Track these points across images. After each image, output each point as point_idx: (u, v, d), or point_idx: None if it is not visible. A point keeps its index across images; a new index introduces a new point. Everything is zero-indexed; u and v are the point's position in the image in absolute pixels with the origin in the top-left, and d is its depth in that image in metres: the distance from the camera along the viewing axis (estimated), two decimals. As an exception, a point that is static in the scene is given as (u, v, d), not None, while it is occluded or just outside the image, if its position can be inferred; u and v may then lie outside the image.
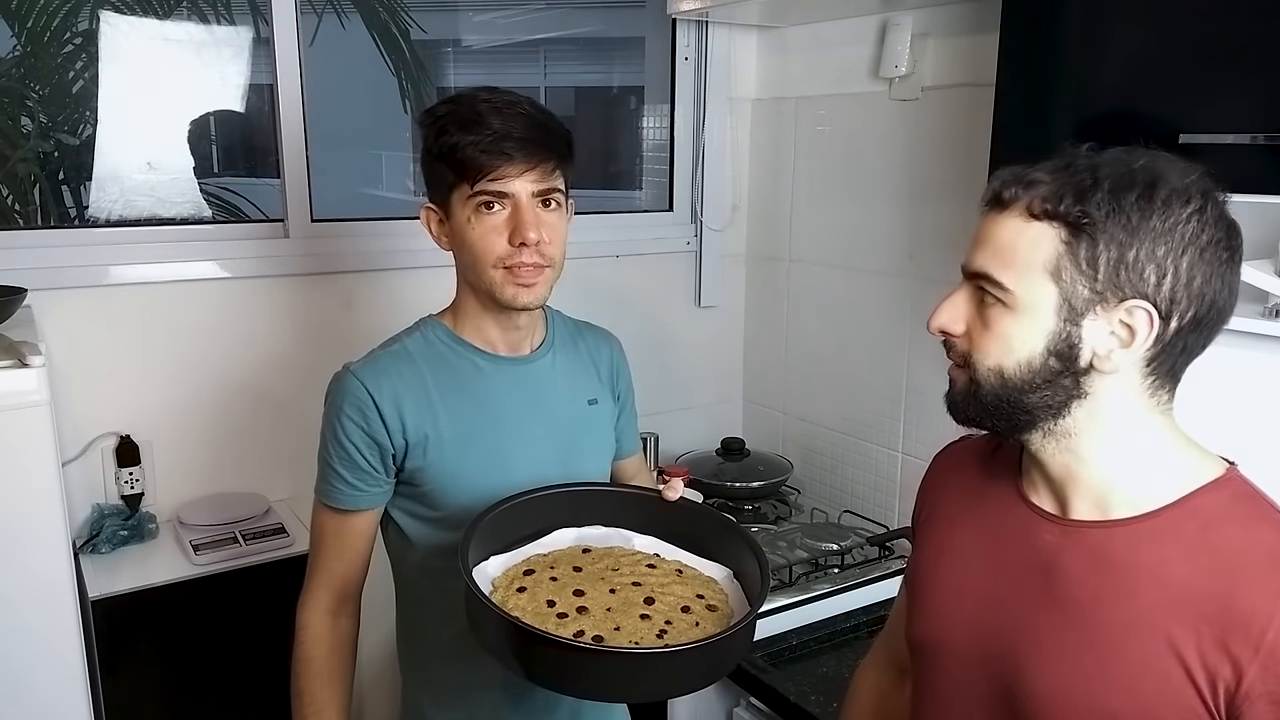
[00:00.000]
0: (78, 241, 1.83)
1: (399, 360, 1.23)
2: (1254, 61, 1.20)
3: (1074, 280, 0.80)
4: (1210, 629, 0.78)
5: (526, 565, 1.14)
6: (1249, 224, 1.38)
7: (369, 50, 2.30)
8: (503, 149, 1.15)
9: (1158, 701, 0.79)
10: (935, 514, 1.05)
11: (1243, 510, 0.83)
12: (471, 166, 1.15)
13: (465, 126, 1.15)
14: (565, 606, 1.06)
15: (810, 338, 2.34)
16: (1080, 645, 0.84)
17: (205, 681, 1.72)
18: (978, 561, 0.95)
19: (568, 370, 1.34)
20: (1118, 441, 0.85)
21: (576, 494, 1.22)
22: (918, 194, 2.02)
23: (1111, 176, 0.80)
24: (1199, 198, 0.80)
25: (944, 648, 0.97)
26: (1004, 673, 0.89)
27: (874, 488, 2.17)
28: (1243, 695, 0.76)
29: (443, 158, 1.17)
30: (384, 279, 2.01)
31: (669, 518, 1.23)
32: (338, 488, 1.23)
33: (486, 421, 1.25)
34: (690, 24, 2.33)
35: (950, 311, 0.88)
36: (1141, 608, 0.82)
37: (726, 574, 1.17)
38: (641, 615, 1.06)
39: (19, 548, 1.35)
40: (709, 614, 1.09)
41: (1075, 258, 0.80)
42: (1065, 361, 0.83)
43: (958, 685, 0.95)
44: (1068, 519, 0.88)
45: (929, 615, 1.00)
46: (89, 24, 1.97)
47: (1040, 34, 1.46)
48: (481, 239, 1.17)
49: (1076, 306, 0.81)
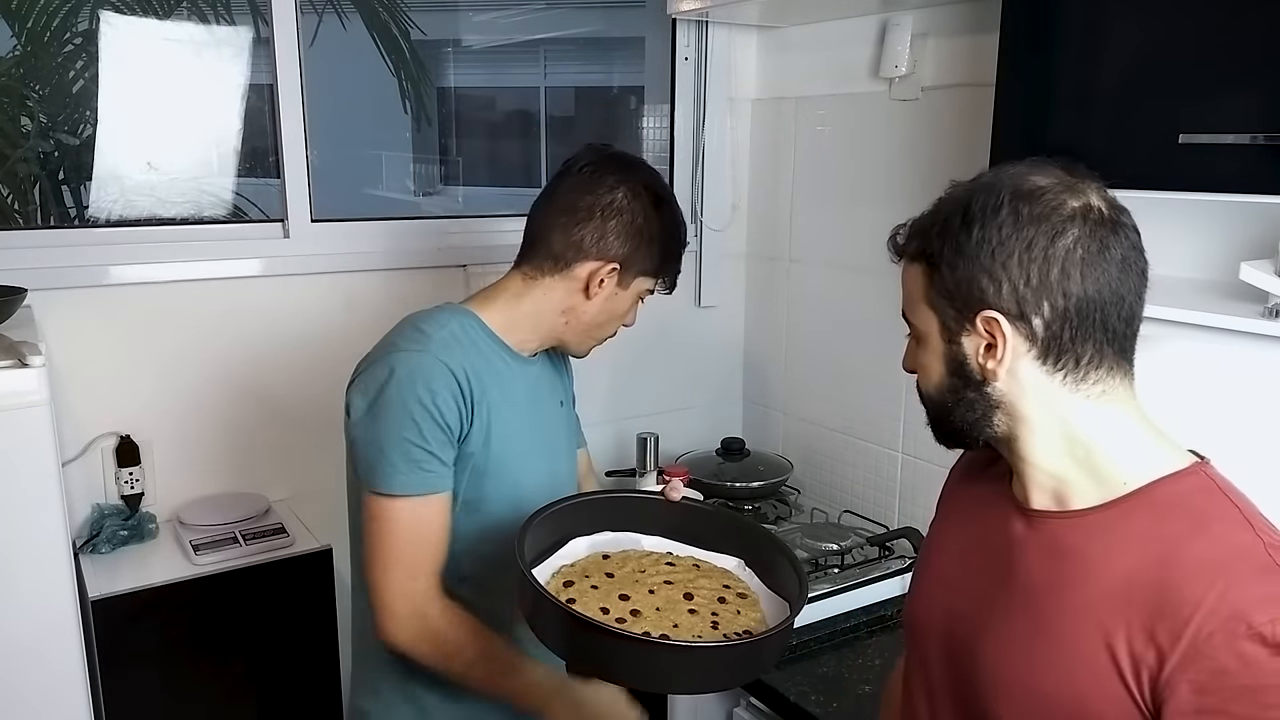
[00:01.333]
0: (78, 241, 1.83)
1: (455, 342, 1.25)
2: (1254, 61, 1.20)
3: (941, 307, 0.89)
4: (1139, 616, 0.79)
5: (562, 578, 1.16)
6: (1249, 224, 1.39)
7: (369, 50, 2.30)
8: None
9: (1086, 687, 0.82)
10: (944, 508, 1.10)
11: (1198, 504, 0.84)
12: (671, 273, 1.35)
13: (681, 231, 1.35)
14: (620, 611, 1.09)
15: (810, 338, 2.34)
16: (1026, 630, 0.88)
17: (205, 681, 1.72)
18: (956, 547, 1.01)
19: (549, 373, 1.42)
20: (1053, 437, 0.89)
21: (594, 503, 1.28)
22: (918, 194, 1.99)
23: (947, 208, 0.89)
24: (1011, 203, 0.85)
25: (919, 626, 1.03)
26: (961, 652, 0.94)
27: (874, 488, 2.17)
28: (1164, 682, 0.77)
29: (666, 249, 1.32)
30: (384, 279, 2.02)
31: (673, 518, 1.28)
32: (433, 471, 1.21)
33: (513, 414, 1.30)
34: (690, 24, 2.33)
35: (906, 355, 0.98)
36: (1083, 596, 0.84)
37: (738, 563, 1.24)
38: (689, 610, 1.11)
39: (19, 548, 1.35)
40: (743, 601, 1.15)
41: (935, 287, 0.89)
42: (962, 377, 0.90)
43: (926, 662, 1.01)
44: (1033, 510, 0.92)
45: (913, 596, 1.07)
46: (89, 24, 1.97)
47: (1040, 34, 1.46)
48: (621, 315, 1.35)
49: (950, 328, 0.89)
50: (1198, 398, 1.40)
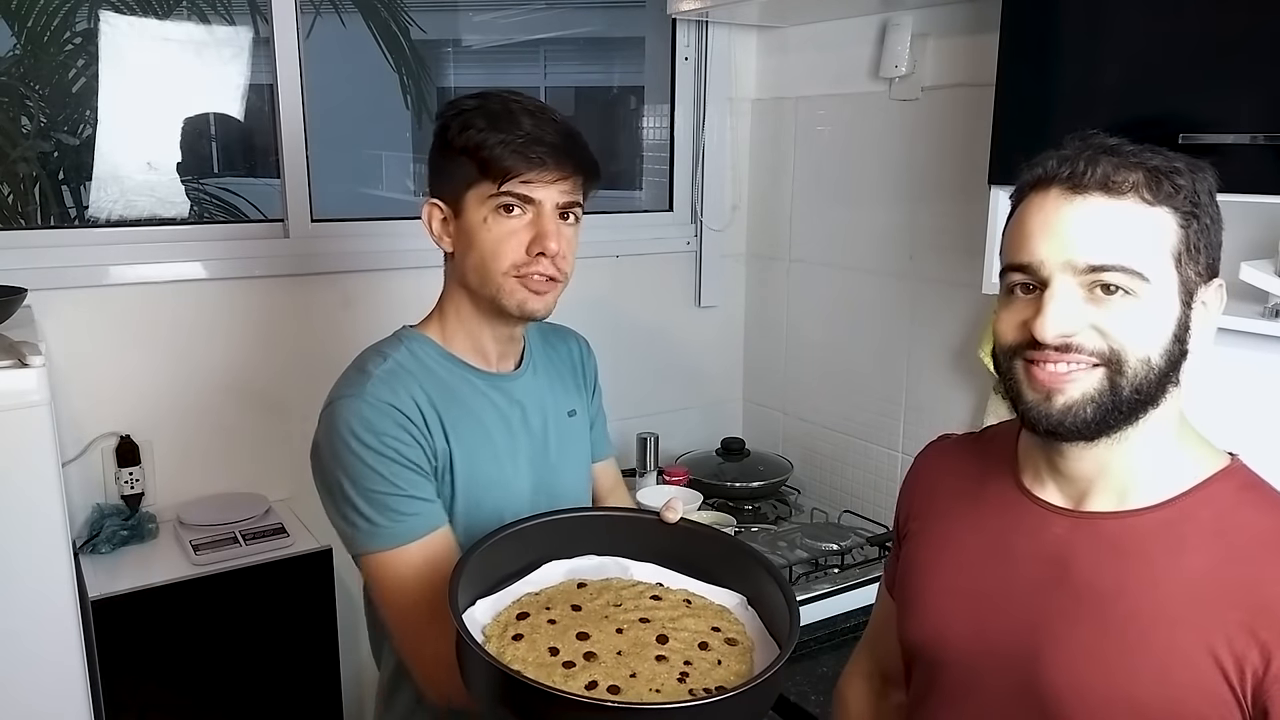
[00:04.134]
0: (78, 241, 1.83)
1: (395, 377, 1.14)
2: (1254, 61, 1.20)
3: (1188, 264, 0.82)
4: (1236, 616, 0.78)
5: (519, 609, 0.99)
6: (1249, 224, 1.39)
7: (369, 50, 2.30)
8: (536, 153, 1.10)
9: (1186, 690, 0.79)
10: (926, 513, 1.03)
11: (1253, 498, 0.84)
12: (500, 165, 1.10)
13: (496, 123, 1.10)
14: (570, 654, 0.92)
15: (810, 338, 2.34)
16: (1101, 636, 0.84)
17: (205, 681, 1.72)
18: (979, 558, 0.94)
19: (547, 383, 1.30)
20: (1156, 431, 0.85)
21: (563, 522, 1.09)
22: (918, 194, 2.02)
23: (1179, 161, 0.82)
24: (1213, 175, 0.84)
25: (947, 646, 0.96)
26: (1019, 668, 0.88)
27: (874, 488, 2.17)
28: (1271, 679, 0.77)
29: (466, 152, 1.11)
30: (384, 279, 2.01)
31: (669, 542, 1.09)
32: (416, 514, 1.09)
33: (484, 439, 1.19)
34: (690, 24, 2.33)
35: (1066, 313, 0.81)
36: (1163, 597, 0.82)
37: (739, 600, 1.05)
38: (657, 656, 0.93)
39: (19, 548, 1.35)
40: (729, 649, 0.97)
41: (1188, 242, 0.81)
42: (1183, 345, 0.83)
43: (965, 684, 0.94)
44: (1081, 511, 0.88)
45: (929, 615, 0.98)
46: (89, 24, 1.97)
47: (1040, 34, 1.46)
48: (498, 242, 1.12)
49: (1190, 289, 0.82)
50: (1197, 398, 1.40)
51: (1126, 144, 0.84)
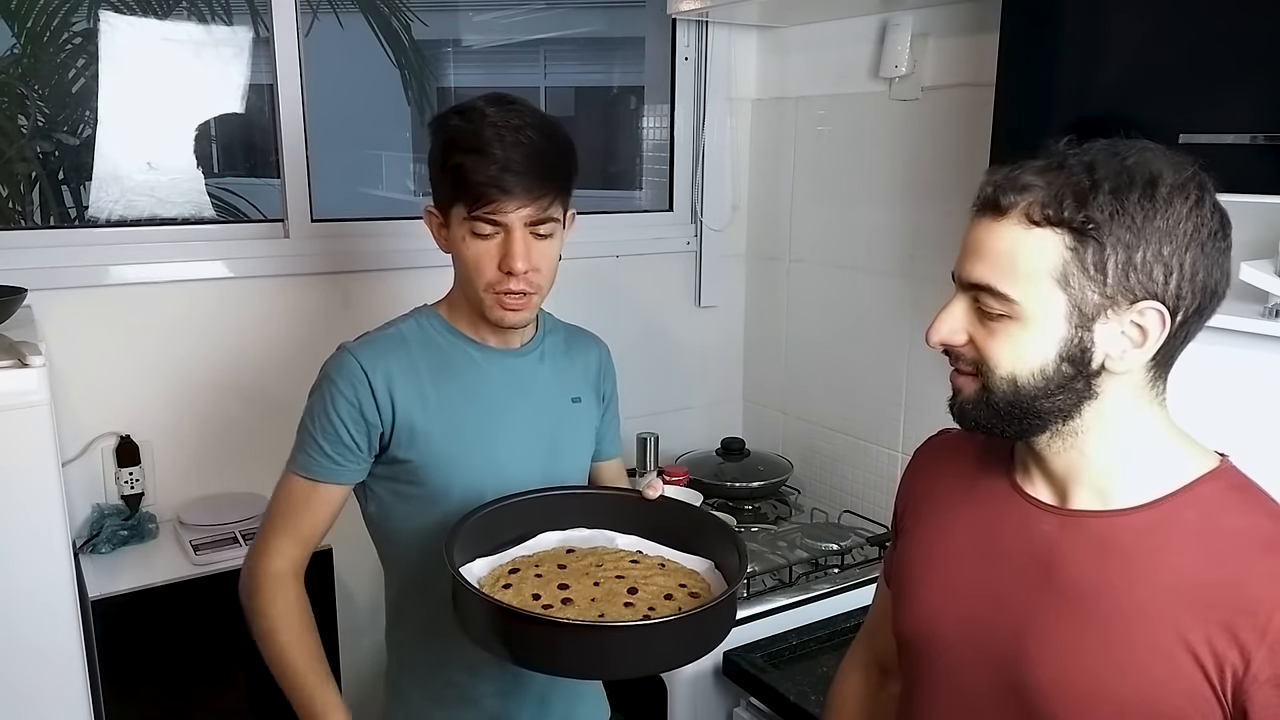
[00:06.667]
0: (78, 241, 1.83)
1: (394, 343, 1.26)
2: (1254, 61, 1.20)
3: (1082, 286, 0.80)
4: (1217, 615, 0.79)
5: (512, 565, 1.16)
6: (1249, 224, 1.39)
7: (369, 51, 2.30)
8: (501, 182, 1.14)
9: (1166, 687, 0.80)
10: (923, 507, 1.04)
11: (1239, 499, 0.84)
12: (470, 194, 1.16)
13: (469, 149, 1.15)
14: (550, 599, 1.08)
15: (810, 338, 2.34)
16: (1084, 633, 0.84)
17: (205, 681, 1.72)
18: (970, 553, 0.95)
19: (555, 367, 1.35)
20: (1122, 435, 0.86)
21: (559, 498, 1.26)
22: (918, 194, 2.02)
23: (1110, 176, 0.79)
24: (1196, 190, 0.80)
25: (937, 639, 0.97)
26: (1005, 662, 0.89)
27: (874, 488, 2.17)
28: (1250, 680, 0.77)
29: (446, 172, 1.19)
30: (383, 279, 2.01)
31: (650, 516, 1.26)
32: (317, 460, 1.24)
33: (476, 408, 1.27)
34: (690, 24, 2.33)
35: (950, 323, 0.87)
36: (1145, 595, 0.82)
37: (708, 565, 1.20)
38: (625, 604, 1.09)
39: (19, 548, 1.35)
40: (691, 600, 1.11)
41: (1082, 263, 0.79)
42: (1078, 366, 0.83)
43: (955, 677, 0.95)
44: (1067, 509, 0.89)
45: (920, 608, 0.99)
46: (88, 24, 1.97)
47: (1040, 34, 1.46)
48: (474, 260, 1.20)
49: (1087, 312, 0.81)
50: (1198, 397, 1.40)
51: (1076, 154, 0.82)
